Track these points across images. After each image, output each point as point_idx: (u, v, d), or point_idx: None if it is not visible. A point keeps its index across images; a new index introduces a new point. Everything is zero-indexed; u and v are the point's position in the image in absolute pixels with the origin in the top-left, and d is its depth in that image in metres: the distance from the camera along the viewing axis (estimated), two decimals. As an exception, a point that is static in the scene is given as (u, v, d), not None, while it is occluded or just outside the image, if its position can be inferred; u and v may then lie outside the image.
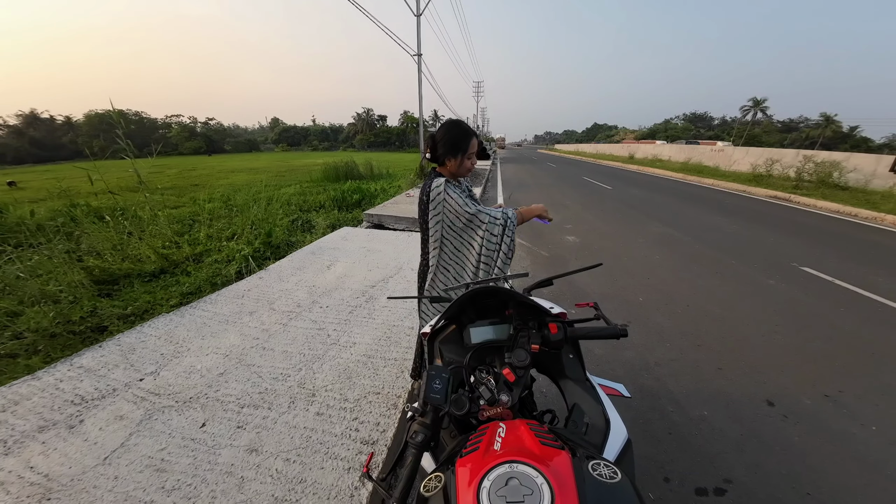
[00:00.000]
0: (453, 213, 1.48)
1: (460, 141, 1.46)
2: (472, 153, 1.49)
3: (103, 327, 2.83)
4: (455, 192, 1.48)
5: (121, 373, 2.18)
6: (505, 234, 1.47)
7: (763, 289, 3.73)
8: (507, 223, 1.47)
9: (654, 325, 2.99)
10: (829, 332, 2.89)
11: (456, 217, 1.49)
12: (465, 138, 1.46)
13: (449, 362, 1.00)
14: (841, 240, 5.70)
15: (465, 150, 1.46)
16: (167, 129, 70.23)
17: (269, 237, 4.87)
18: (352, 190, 8.65)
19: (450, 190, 1.48)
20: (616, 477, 0.58)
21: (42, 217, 5.50)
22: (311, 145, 78.81)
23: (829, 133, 58.71)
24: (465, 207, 1.46)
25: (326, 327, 2.71)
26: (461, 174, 1.54)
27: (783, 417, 2.01)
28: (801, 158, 11.40)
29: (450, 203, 1.47)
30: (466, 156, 1.48)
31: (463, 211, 1.46)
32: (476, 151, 1.50)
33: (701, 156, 18.24)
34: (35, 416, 1.84)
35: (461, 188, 1.58)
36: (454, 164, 1.49)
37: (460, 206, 1.46)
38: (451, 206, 1.47)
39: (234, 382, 2.10)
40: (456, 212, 1.48)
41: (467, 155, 1.48)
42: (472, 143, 1.47)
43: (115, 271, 3.68)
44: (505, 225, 1.47)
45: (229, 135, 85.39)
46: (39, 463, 1.58)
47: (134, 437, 1.71)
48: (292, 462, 1.58)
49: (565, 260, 4.64)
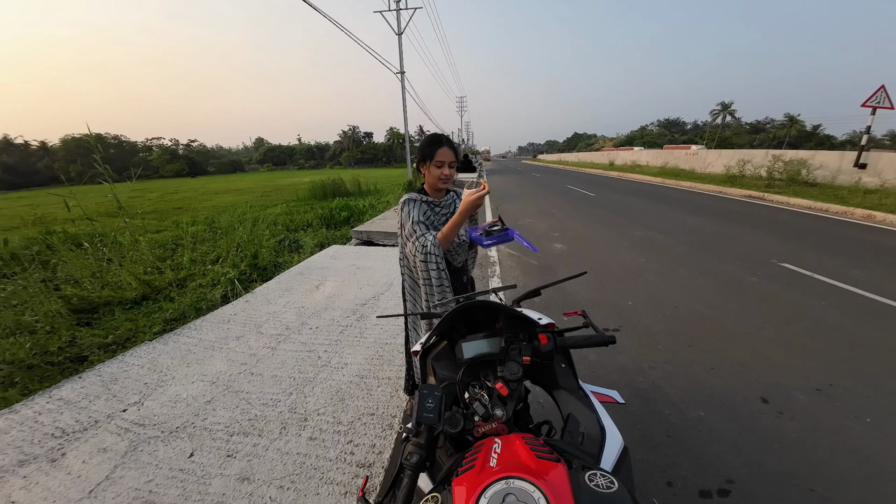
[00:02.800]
0: (403, 230, 1.53)
1: (426, 149, 1.47)
2: (441, 161, 1.45)
3: (83, 357, 2.70)
4: (414, 212, 1.50)
5: (102, 403, 2.08)
6: (428, 265, 1.45)
7: (746, 286, 3.83)
8: (427, 256, 1.44)
9: (645, 328, 3.03)
10: (813, 327, 2.97)
11: (402, 238, 1.54)
12: (431, 146, 1.45)
13: (442, 379, 0.99)
14: (815, 235, 5.93)
15: (432, 157, 1.45)
16: (148, 153, 69.20)
17: (255, 259, 4.78)
18: (339, 207, 8.62)
19: (410, 206, 1.51)
20: (613, 487, 0.58)
21: (16, 246, 5.30)
22: (297, 164, 78.65)
23: (794, 132, 61.91)
24: (406, 228, 1.50)
25: (317, 349, 2.65)
26: (436, 185, 1.52)
27: (778, 414, 2.04)
28: (770, 158, 11.88)
29: (402, 219, 1.52)
30: (434, 163, 1.45)
31: (406, 231, 1.50)
32: (450, 161, 1.47)
33: (677, 160, 18.90)
34: (14, 451, 1.74)
35: (436, 210, 1.56)
36: (426, 172, 1.50)
37: (404, 226, 1.51)
38: (402, 222, 1.52)
39: (221, 410, 2.02)
40: (403, 230, 1.52)
41: (434, 162, 1.45)
42: (438, 152, 1.44)
43: (94, 299, 3.55)
44: (426, 258, 1.44)
45: (212, 156, 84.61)
46: (21, 498, 1.50)
47: (119, 470, 1.62)
48: (286, 489, 1.52)
49: (554, 268, 4.69)
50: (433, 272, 1.45)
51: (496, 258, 5.07)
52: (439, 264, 1.45)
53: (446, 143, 1.47)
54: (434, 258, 1.43)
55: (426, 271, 1.46)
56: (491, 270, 4.55)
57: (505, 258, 5.11)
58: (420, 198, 1.54)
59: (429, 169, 1.49)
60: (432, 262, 1.44)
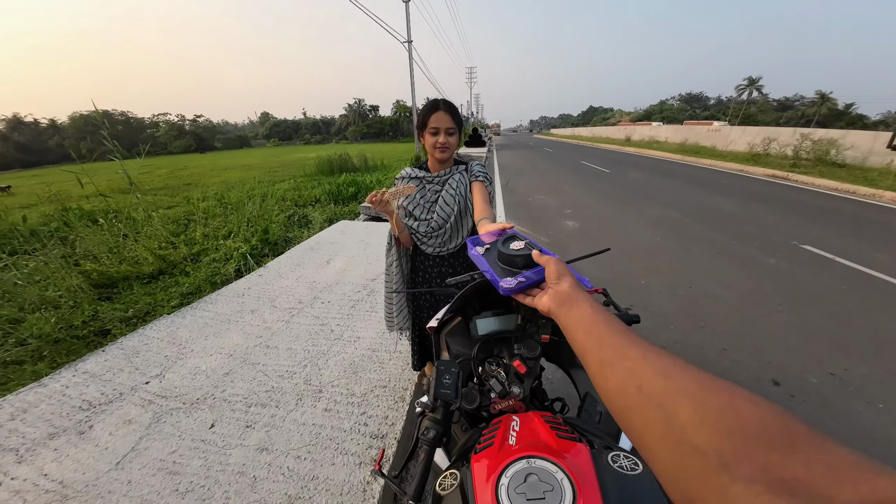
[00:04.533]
0: None
1: (422, 114, 1.35)
2: (435, 127, 1.32)
3: (106, 331, 2.81)
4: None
5: (126, 376, 2.17)
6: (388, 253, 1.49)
7: (764, 268, 3.74)
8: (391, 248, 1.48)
9: (657, 308, 3.00)
10: (832, 310, 2.90)
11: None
12: (429, 112, 1.32)
13: (456, 355, 0.99)
14: (840, 217, 5.70)
15: (426, 123, 1.33)
16: (155, 129, 69.03)
17: (265, 234, 4.82)
18: (347, 183, 8.55)
19: (397, 185, 1.44)
20: (637, 468, 0.57)
21: (35, 223, 5.42)
22: (302, 139, 77.82)
23: (825, 111, 58.65)
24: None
25: (329, 322, 2.69)
26: (433, 154, 1.39)
27: (790, 397, 2.03)
28: (797, 136, 11.34)
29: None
30: (429, 130, 1.33)
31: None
32: (447, 128, 1.32)
33: (697, 136, 18.12)
34: (44, 423, 1.83)
35: (427, 188, 1.47)
36: (424, 141, 1.38)
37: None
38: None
39: (240, 382, 2.09)
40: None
41: (429, 129, 1.33)
42: (432, 117, 1.31)
43: (112, 274, 3.64)
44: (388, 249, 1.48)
45: (219, 132, 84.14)
46: (53, 470, 1.58)
47: (144, 441, 1.71)
48: (303, 459, 1.58)
49: (565, 245, 4.63)
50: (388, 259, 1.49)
51: (506, 236, 5.02)
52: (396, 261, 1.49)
53: (443, 107, 1.32)
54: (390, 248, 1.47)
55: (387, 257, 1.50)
56: (501, 249, 4.51)
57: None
58: (410, 173, 1.46)
59: (425, 137, 1.36)
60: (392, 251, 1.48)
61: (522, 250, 0.69)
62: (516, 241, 0.74)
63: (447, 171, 1.46)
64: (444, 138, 1.33)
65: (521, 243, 0.72)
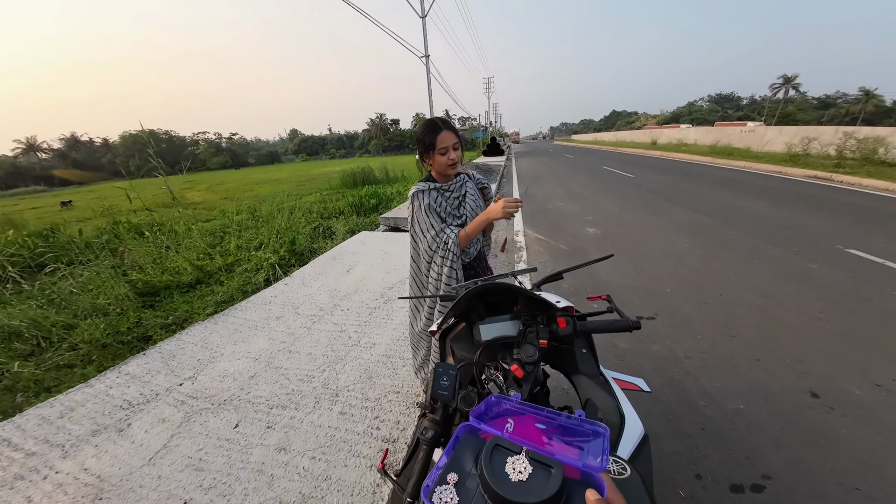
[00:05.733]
0: (415, 224, 1.50)
1: (426, 137, 1.40)
2: (444, 147, 1.38)
3: (147, 336, 3.03)
4: (426, 201, 1.46)
5: (163, 378, 2.34)
6: (444, 263, 1.44)
7: (804, 273, 3.49)
8: (447, 254, 1.42)
9: (683, 315, 2.87)
10: (880, 317, 2.67)
11: (414, 231, 1.52)
12: (432, 133, 1.38)
13: (461, 359, 1.01)
14: (891, 219, 5.24)
15: (434, 145, 1.38)
16: (195, 146, 74.03)
17: (293, 245, 5.04)
18: (369, 195, 8.81)
19: (420, 198, 1.47)
20: (625, 473, 0.57)
21: (89, 235, 5.95)
22: (328, 154, 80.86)
23: (871, 108, 54.38)
24: (420, 223, 1.47)
25: (348, 329, 2.78)
26: (444, 171, 1.47)
27: (829, 409, 1.88)
28: (840, 135, 10.56)
29: (414, 212, 1.49)
30: (438, 151, 1.39)
31: (423, 226, 1.47)
32: (454, 144, 1.40)
33: (730, 137, 17.26)
34: (89, 421, 2.00)
35: (446, 195, 1.51)
36: (432, 162, 1.45)
37: (418, 220, 1.48)
38: (415, 216, 1.49)
39: (263, 384, 2.20)
40: (416, 225, 1.49)
41: (438, 150, 1.39)
42: (440, 137, 1.37)
43: (156, 283, 3.93)
44: (445, 254, 1.43)
45: (252, 148, 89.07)
46: (93, 465, 1.72)
47: (175, 439, 1.83)
48: (318, 460, 1.64)
49: (585, 252, 4.53)
50: (446, 268, 1.44)
51: (523, 243, 4.98)
52: (454, 262, 1.44)
53: (444, 127, 1.39)
54: (452, 255, 1.43)
55: (441, 267, 1.45)
56: (517, 256, 4.49)
57: (532, 243, 5.01)
58: (428, 186, 1.50)
59: (434, 158, 1.42)
60: (448, 261, 1.43)
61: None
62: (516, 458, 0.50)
63: (457, 178, 1.56)
64: (453, 154, 1.42)
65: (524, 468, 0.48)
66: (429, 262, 1.50)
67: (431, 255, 1.47)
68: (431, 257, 1.47)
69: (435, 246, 1.45)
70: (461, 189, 1.55)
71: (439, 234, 1.44)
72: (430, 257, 1.48)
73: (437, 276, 1.48)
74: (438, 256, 1.45)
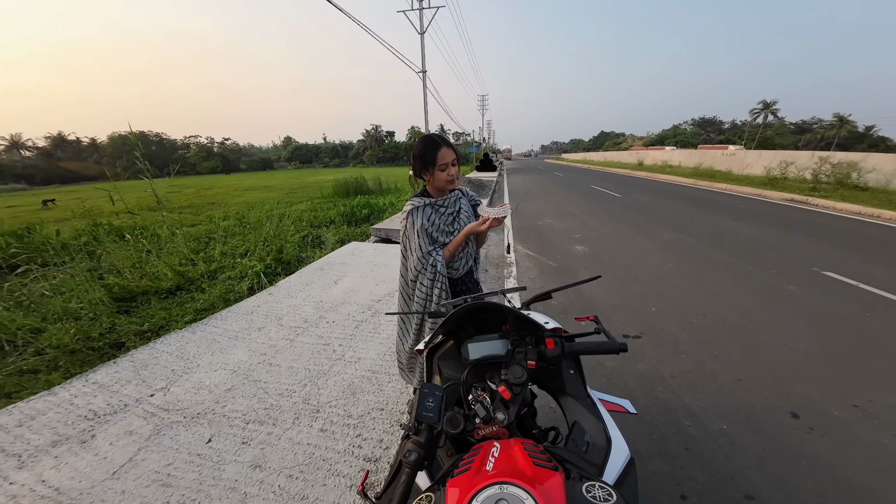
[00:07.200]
0: (405, 241, 1.53)
1: (427, 154, 1.41)
2: (444, 163, 1.41)
3: (120, 343, 2.90)
4: (419, 221, 1.48)
5: (133, 388, 2.23)
6: (433, 286, 1.47)
7: (783, 295, 3.59)
8: (436, 276, 1.46)
9: (669, 335, 2.90)
10: (856, 339, 2.75)
11: (404, 247, 1.54)
12: (432, 150, 1.40)
13: (448, 378, 0.99)
14: (864, 242, 5.46)
15: (434, 161, 1.41)
16: (186, 150, 72.98)
17: (280, 253, 4.96)
18: (361, 205, 8.79)
19: (415, 216, 1.49)
20: (611, 499, 0.56)
21: (67, 237, 5.75)
22: (322, 162, 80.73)
23: (845, 133, 57.51)
24: (412, 242, 1.49)
25: (332, 342, 2.71)
26: (442, 187, 1.50)
27: (809, 429, 1.90)
28: (816, 160, 11.10)
29: (407, 230, 1.52)
30: (438, 167, 1.42)
31: (413, 245, 1.49)
32: (453, 160, 1.44)
33: (712, 160, 17.93)
34: (49, 431, 1.88)
35: (441, 211, 1.53)
36: (430, 177, 1.47)
37: (409, 239, 1.50)
38: (407, 233, 1.52)
39: (240, 398, 2.11)
40: (407, 242, 1.52)
41: (438, 167, 1.42)
42: (440, 154, 1.40)
43: (133, 289, 3.80)
44: (434, 277, 1.46)
45: (245, 154, 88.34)
46: (51, 477, 1.61)
47: (142, 452, 1.73)
48: (295, 479, 1.57)
49: (574, 270, 4.58)
50: (436, 290, 1.48)
51: (513, 259, 5.01)
52: (444, 284, 1.48)
53: (444, 143, 1.42)
54: (441, 278, 1.46)
55: (430, 289, 1.48)
56: (507, 271, 4.50)
57: (522, 259, 5.04)
58: (423, 202, 1.51)
59: (433, 174, 1.44)
60: (438, 283, 1.47)
61: None
62: None
63: (451, 194, 1.58)
64: (452, 171, 1.45)
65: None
66: (414, 280, 1.53)
67: (416, 275, 1.51)
68: (416, 276, 1.51)
69: (420, 266, 1.48)
70: (455, 205, 1.57)
71: (425, 255, 1.47)
72: (415, 276, 1.51)
73: (422, 294, 1.51)
74: (426, 278, 1.48)
